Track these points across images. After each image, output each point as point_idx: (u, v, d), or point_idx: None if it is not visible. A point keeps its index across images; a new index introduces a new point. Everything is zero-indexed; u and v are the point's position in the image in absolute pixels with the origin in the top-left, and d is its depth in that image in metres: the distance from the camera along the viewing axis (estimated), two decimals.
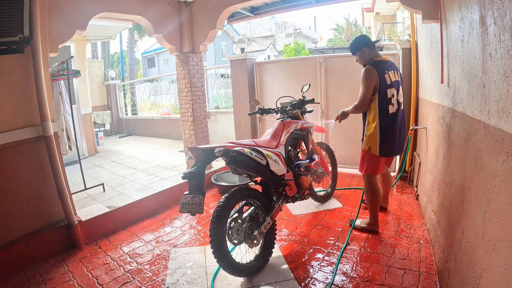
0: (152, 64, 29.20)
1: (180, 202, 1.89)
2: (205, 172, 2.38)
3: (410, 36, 3.83)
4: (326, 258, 2.29)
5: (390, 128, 2.42)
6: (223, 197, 1.98)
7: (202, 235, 2.79)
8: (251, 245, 2.05)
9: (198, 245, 2.62)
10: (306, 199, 2.77)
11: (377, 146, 2.44)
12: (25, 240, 2.40)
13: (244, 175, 2.25)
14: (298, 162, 2.63)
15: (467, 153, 1.57)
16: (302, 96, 2.92)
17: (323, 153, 3.31)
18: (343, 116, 2.71)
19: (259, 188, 2.35)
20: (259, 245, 2.19)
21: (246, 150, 1.99)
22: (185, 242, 2.68)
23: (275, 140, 2.43)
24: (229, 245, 2.00)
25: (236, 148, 1.96)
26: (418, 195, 3.22)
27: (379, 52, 2.56)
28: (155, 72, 27.01)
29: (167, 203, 3.51)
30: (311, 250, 2.42)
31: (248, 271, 2.07)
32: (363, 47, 2.48)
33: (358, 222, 2.67)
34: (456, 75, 1.83)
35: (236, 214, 2.07)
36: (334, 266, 2.18)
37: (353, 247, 2.41)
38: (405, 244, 2.38)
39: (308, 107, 3.14)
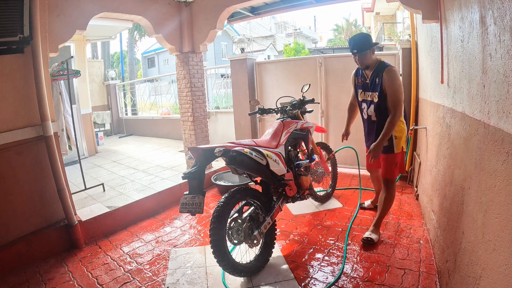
0: (152, 64, 29.18)
1: (180, 202, 1.89)
2: (205, 172, 2.38)
3: (410, 36, 3.83)
4: (326, 258, 2.29)
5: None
6: (223, 197, 1.98)
7: (202, 235, 2.79)
8: (251, 245, 2.05)
9: (198, 245, 2.62)
10: (306, 199, 2.77)
11: (405, 143, 2.46)
12: (25, 240, 2.40)
13: (244, 175, 2.25)
14: (298, 162, 2.63)
15: (467, 153, 1.57)
16: (302, 96, 2.92)
17: (323, 153, 3.31)
18: (378, 150, 2.27)
19: (259, 188, 2.35)
20: (259, 245, 2.19)
21: (246, 150, 1.99)
22: (185, 242, 2.68)
23: (275, 140, 2.43)
24: (229, 245, 2.00)
25: (236, 148, 1.96)
26: (418, 195, 3.22)
27: (377, 53, 2.51)
28: (155, 72, 26.99)
29: (167, 203, 3.50)
30: (311, 250, 2.42)
31: (248, 271, 2.07)
32: (372, 46, 2.31)
33: (371, 237, 2.40)
34: (456, 75, 1.83)
35: (236, 214, 2.07)
36: (335, 266, 2.18)
37: (353, 247, 2.41)
38: (405, 244, 2.38)
39: (308, 107, 3.13)
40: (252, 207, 2.19)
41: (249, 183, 3.21)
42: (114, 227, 2.97)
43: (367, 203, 3.10)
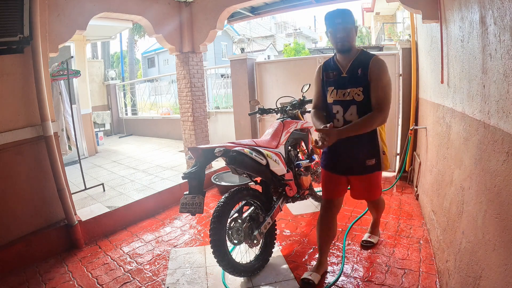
0: (152, 64, 29.18)
1: (180, 202, 1.89)
2: (205, 172, 2.38)
3: (410, 36, 3.84)
4: None
5: None
6: (223, 197, 1.98)
7: (202, 235, 2.79)
8: (251, 245, 2.05)
9: (198, 245, 2.62)
10: (306, 199, 2.77)
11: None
12: (25, 240, 2.40)
13: (244, 175, 2.25)
14: (298, 162, 2.63)
15: (467, 153, 1.57)
16: (302, 96, 2.92)
17: None
18: (334, 138, 1.68)
19: (259, 188, 2.35)
20: (259, 245, 2.19)
21: (246, 150, 1.99)
22: (185, 242, 2.68)
23: (275, 140, 2.43)
24: (229, 245, 2.00)
25: (236, 148, 1.96)
26: (418, 195, 3.22)
27: (373, 53, 1.90)
28: (155, 72, 26.98)
29: (167, 203, 3.50)
30: (311, 250, 2.42)
31: (248, 271, 2.07)
32: (356, 26, 1.79)
33: (371, 240, 2.40)
34: (456, 75, 1.83)
35: (236, 214, 2.07)
36: (335, 266, 2.18)
37: (353, 247, 2.41)
38: (405, 244, 2.38)
39: (308, 107, 3.13)
40: (252, 207, 2.19)
41: (249, 183, 3.21)
42: (114, 227, 2.97)
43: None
